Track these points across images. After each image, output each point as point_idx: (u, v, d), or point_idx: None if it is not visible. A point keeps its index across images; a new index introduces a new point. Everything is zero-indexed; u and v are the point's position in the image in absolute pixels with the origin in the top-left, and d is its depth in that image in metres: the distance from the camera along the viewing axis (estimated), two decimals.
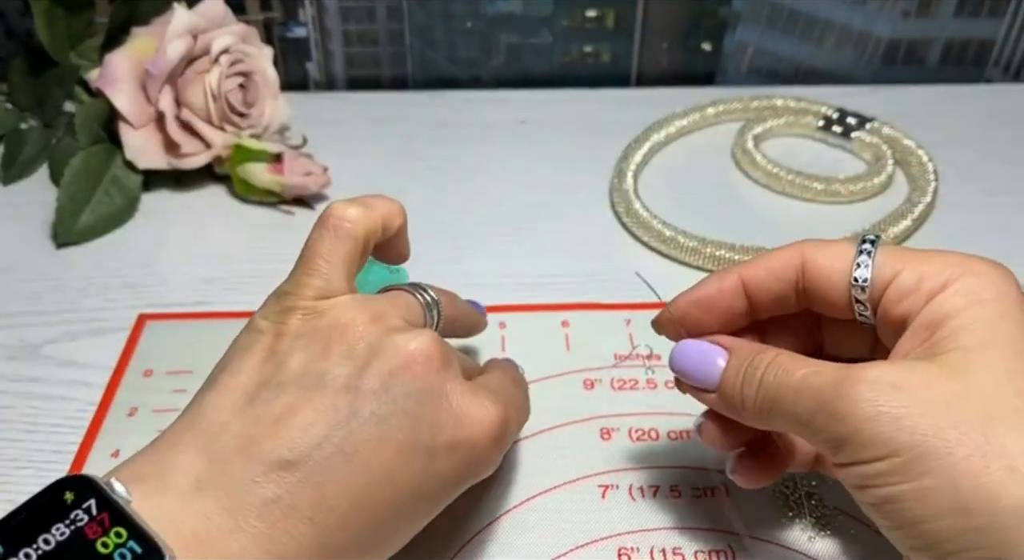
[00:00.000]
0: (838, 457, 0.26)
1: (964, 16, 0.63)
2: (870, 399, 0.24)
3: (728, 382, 0.29)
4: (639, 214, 0.49)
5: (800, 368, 0.27)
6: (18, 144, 0.54)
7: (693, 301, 0.31)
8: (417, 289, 0.33)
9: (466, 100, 0.63)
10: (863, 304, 0.28)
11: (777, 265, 0.30)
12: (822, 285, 0.29)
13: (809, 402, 0.26)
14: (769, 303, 0.30)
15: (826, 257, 0.29)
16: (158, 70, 0.49)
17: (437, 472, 0.28)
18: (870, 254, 0.28)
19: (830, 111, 0.57)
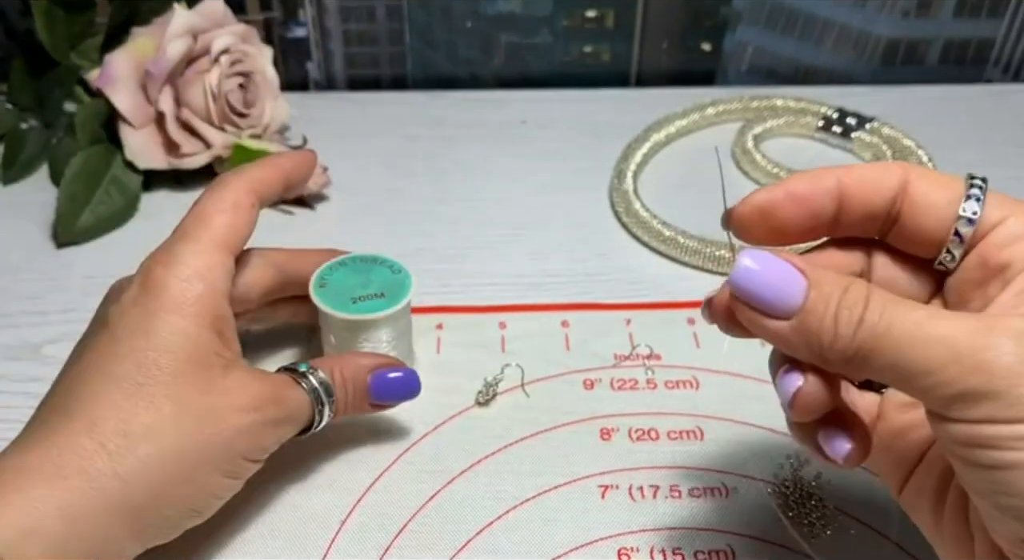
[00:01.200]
0: (963, 412, 0.23)
1: (964, 16, 0.63)
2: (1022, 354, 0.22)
3: (814, 311, 0.24)
4: (639, 214, 0.49)
5: (914, 310, 0.24)
6: (18, 144, 0.54)
7: (789, 193, 0.27)
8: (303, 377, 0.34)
9: (466, 100, 0.63)
10: (960, 241, 0.26)
11: (880, 177, 0.26)
12: (921, 212, 0.26)
13: (937, 351, 0.23)
14: (858, 218, 0.27)
15: (932, 184, 0.26)
16: (158, 70, 0.49)
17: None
18: (982, 190, 0.26)
19: (830, 111, 0.57)
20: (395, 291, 0.38)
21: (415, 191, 0.54)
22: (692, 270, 0.48)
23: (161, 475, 0.29)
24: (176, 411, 0.29)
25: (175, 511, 0.30)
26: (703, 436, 0.38)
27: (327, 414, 0.34)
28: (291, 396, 0.33)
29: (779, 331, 0.25)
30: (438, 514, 0.35)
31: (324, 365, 0.34)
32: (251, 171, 0.35)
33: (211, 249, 0.32)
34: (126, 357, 0.29)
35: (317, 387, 0.33)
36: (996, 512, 0.23)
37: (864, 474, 0.36)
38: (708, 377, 0.41)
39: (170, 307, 0.30)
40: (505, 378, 0.41)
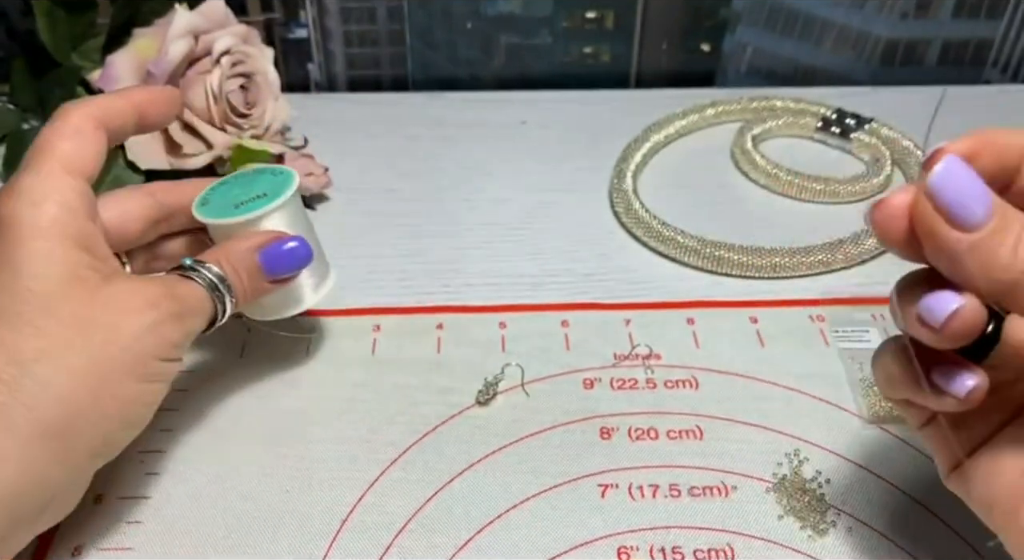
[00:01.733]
0: None
1: (962, 17, 0.63)
2: None
3: (998, 232, 0.23)
4: (639, 214, 0.50)
5: None
6: (20, 145, 0.54)
7: (985, 140, 0.25)
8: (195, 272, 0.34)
9: (466, 101, 0.63)
10: None
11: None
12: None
13: None
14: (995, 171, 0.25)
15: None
16: (160, 71, 0.49)
17: None
18: None
19: (829, 112, 0.58)
20: (278, 189, 0.37)
21: (415, 191, 0.54)
22: (691, 270, 0.48)
23: (70, 393, 0.28)
24: (63, 328, 0.29)
25: (103, 427, 0.29)
26: (702, 435, 0.38)
27: (229, 302, 0.34)
28: (185, 290, 0.32)
29: (958, 243, 0.24)
30: (438, 513, 0.35)
31: (209, 257, 0.34)
32: (94, 99, 0.34)
33: (57, 172, 0.31)
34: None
35: (210, 277, 0.33)
36: None
37: (863, 473, 0.37)
38: (707, 377, 0.41)
39: (27, 234, 0.29)
40: (505, 378, 0.41)
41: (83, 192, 0.31)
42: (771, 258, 0.47)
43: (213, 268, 0.34)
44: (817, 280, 0.47)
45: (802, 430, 0.38)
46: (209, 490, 0.36)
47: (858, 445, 0.38)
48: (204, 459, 0.37)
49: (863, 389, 0.40)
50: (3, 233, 0.30)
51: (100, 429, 0.29)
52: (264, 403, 0.40)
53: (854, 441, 0.38)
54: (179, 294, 0.32)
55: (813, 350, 0.42)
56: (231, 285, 0.34)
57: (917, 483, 0.36)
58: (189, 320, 0.32)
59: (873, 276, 0.47)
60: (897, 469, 0.37)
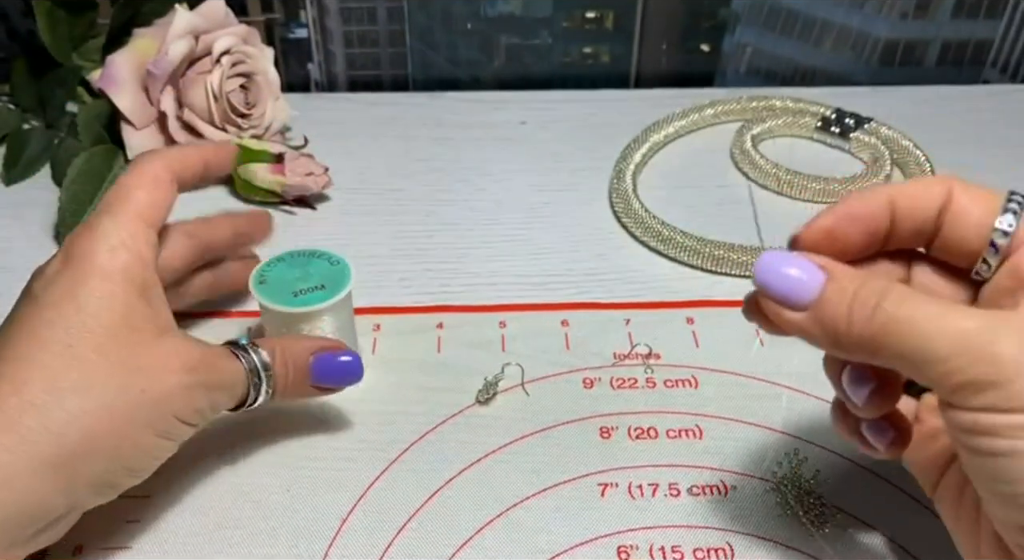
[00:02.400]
0: (965, 400, 0.24)
1: (961, 17, 0.63)
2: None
3: (831, 301, 0.26)
4: (638, 214, 0.50)
5: (929, 304, 0.25)
6: (20, 145, 0.55)
7: (850, 215, 0.28)
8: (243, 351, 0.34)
9: (466, 101, 0.63)
10: (995, 251, 0.27)
11: (926, 193, 0.28)
12: (962, 223, 0.27)
13: (947, 341, 0.24)
14: (908, 232, 0.29)
15: (973, 197, 0.27)
16: (160, 71, 0.49)
17: None
18: (1021, 206, 0.27)
19: (828, 112, 0.58)
20: (335, 282, 0.38)
21: (415, 191, 0.54)
22: (691, 269, 0.48)
23: (91, 426, 0.29)
24: (106, 366, 0.29)
25: (110, 467, 0.30)
26: (702, 435, 0.38)
27: (264, 391, 0.34)
28: (227, 366, 0.33)
29: (797, 321, 0.27)
30: (438, 513, 0.35)
31: (266, 344, 0.35)
32: (170, 151, 0.36)
33: (134, 220, 0.32)
34: (54, 322, 0.30)
35: (256, 362, 0.34)
36: (995, 499, 0.25)
37: (862, 472, 0.37)
38: (707, 376, 0.41)
39: (96, 274, 0.30)
40: (505, 377, 0.41)
41: (153, 243, 0.33)
42: None
43: (263, 354, 0.34)
44: None
45: (802, 429, 0.38)
46: (209, 490, 0.36)
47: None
48: (204, 459, 0.37)
49: None
50: (75, 269, 0.31)
51: (109, 469, 0.30)
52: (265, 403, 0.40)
53: None
54: (219, 367, 0.33)
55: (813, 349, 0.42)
56: (274, 376, 0.34)
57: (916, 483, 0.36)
58: (218, 394, 0.33)
59: None
60: (896, 469, 0.37)
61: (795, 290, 0.27)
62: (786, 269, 0.27)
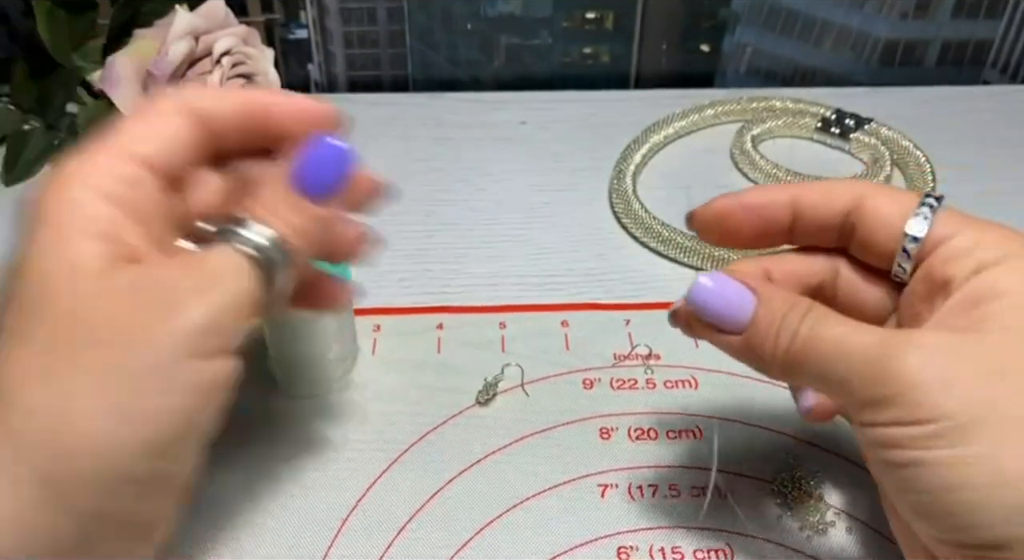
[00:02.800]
0: (872, 416, 0.25)
1: (962, 17, 0.63)
2: (921, 363, 0.24)
3: (761, 327, 0.27)
4: (638, 214, 0.50)
5: (837, 325, 0.26)
6: (21, 146, 0.55)
7: (742, 204, 0.29)
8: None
9: (466, 101, 0.63)
10: (907, 256, 0.27)
11: (834, 192, 0.28)
12: (873, 226, 0.28)
13: (848, 362, 0.25)
14: (812, 229, 0.29)
15: (886, 200, 0.28)
16: (160, 72, 0.49)
17: None
18: (933, 209, 0.27)
19: (828, 112, 0.58)
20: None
21: (415, 192, 0.54)
22: (691, 270, 0.48)
23: None
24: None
25: None
26: (702, 435, 0.38)
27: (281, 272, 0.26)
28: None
29: (730, 344, 0.28)
30: (438, 514, 0.35)
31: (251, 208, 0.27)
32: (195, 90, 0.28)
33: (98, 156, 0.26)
34: None
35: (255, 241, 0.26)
36: (910, 512, 0.25)
37: (863, 474, 0.37)
38: (707, 377, 0.41)
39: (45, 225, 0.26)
40: (505, 378, 0.41)
41: (123, 176, 0.25)
42: None
43: (256, 228, 0.26)
44: None
45: (802, 430, 0.38)
46: (208, 490, 0.36)
47: (858, 445, 0.38)
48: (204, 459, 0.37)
49: None
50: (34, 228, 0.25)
51: None
52: (265, 403, 0.40)
53: (854, 441, 0.38)
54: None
55: None
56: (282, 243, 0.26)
57: None
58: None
59: None
60: None
61: (730, 314, 0.28)
62: (722, 291, 0.28)
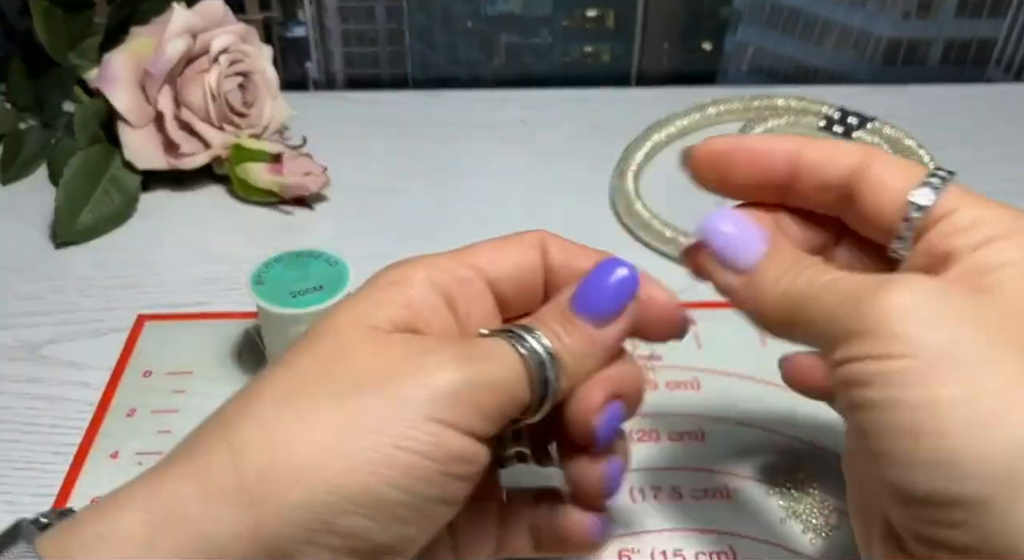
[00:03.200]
0: (847, 351, 0.24)
1: (965, 16, 0.63)
2: (904, 298, 0.23)
3: (769, 270, 0.26)
4: (639, 214, 0.49)
5: (829, 272, 0.25)
6: (17, 144, 0.54)
7: (744, 146, 0.28)
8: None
9: (466, 100, 0.63)
10: (909, 226, 0.26)
11: (839, 152, 0.27)
12: (876, 195, 0.26)
13: (837, 297, 0.24)
14: (811, 189, 0.28)
15: (892, 167, 0.27)
16: (157, 70, 0.49)
17: None
18: (943, 181, 0.26)
19: (831, 111, 0.57)
20: (334, 283, 0.38)
21: (415, 191, 0.54)
22: None
23: None
24: None
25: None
26: (704, 437, 0.38)
27: (551, 383, 0.26)
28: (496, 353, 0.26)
29: (730, 284, 0.27)
30: None
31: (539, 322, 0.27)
32: None
33: None
34: None
35: (535, 346, 0.26)
36: (878, 462, 0.23)
37: None
38: (709, 378, 0.41)
39: None
40: None
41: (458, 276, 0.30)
42: None
43: (540, 337, 0.26)
44: None
45: (805, 432, 0.38)
46: None
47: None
48: None
49: None
50: None
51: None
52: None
53: None
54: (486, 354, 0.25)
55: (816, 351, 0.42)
56: (560, 361, 0.26)
57: None
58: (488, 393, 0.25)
59: None
60: None
61: (744, 252, 0.27)
62: (736, 227, 0.28)
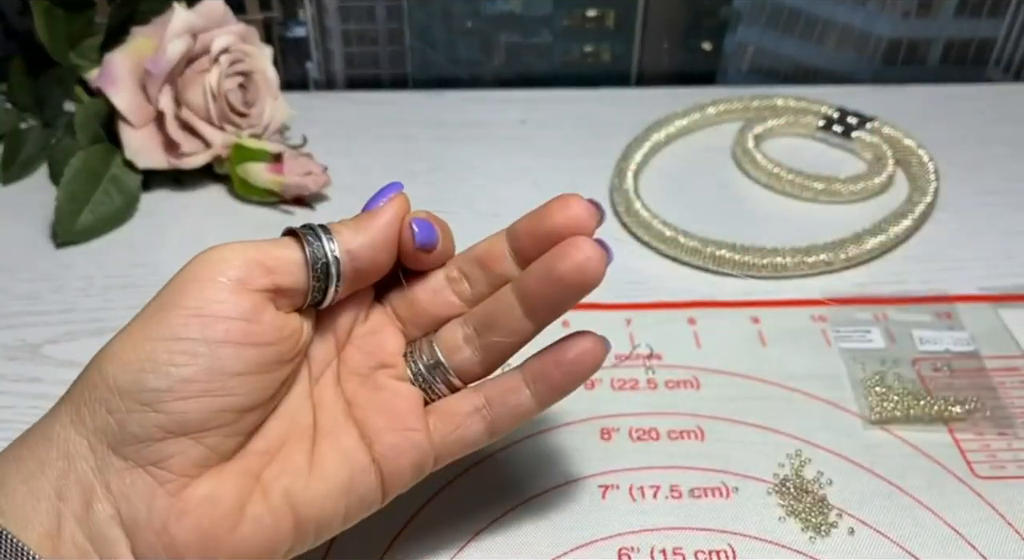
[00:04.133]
0: None
1: (965, 16, 0.63)
2: None
3: None
4: (639, 214, 0.49)
5: None
6: (18, 144, 0.54)
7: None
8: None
9: (466, 100, 0.63)
10: None
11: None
12: None
13: None
14: None
15: None
16: (158, 70, 0.49)
17: None
18: None
19: (831, 111, 0.57)
20: None
21: (415, 191, 0.53)
22: (693, 270, 0.47)
23: None
24: None
25: None
26: (704, 436, 0.38)
27: (333, 285, 0.29)
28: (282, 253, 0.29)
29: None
30: (438, 514, 0.35)
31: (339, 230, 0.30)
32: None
33: None
34: None
35: (323, 251, 0.29)
36: None
37: (865, 474, 0.36)
38: (708, 377, 0.41)
39: None
40: None
41: None
42: (772, 258, 0.46)
43: (331, 244, 0.29)
44: (819, 280, 0.47)
45: (804, 431, 0.38)
46: None
47: (860, 446, 0.37)
48: None
49: (865, 389, 0.40)
50: None
51: None
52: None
53: (856, 442, 0.38)
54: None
55: (815, 350, 0.42)
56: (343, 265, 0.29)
57: (919, 484, 0.36)
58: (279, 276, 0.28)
59: (875, 276, 0.47)
60: (899, 470, 0.36)
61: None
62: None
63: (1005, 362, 0.41)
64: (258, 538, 0.27)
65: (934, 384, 0.40)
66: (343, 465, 0.28)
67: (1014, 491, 0.36)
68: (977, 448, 0.37)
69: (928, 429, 0.38)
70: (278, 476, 0.27)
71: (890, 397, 0.39)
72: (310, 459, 0.28)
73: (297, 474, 0.28)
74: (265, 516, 0.27)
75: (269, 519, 0.27)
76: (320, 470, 0.28)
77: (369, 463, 0.29)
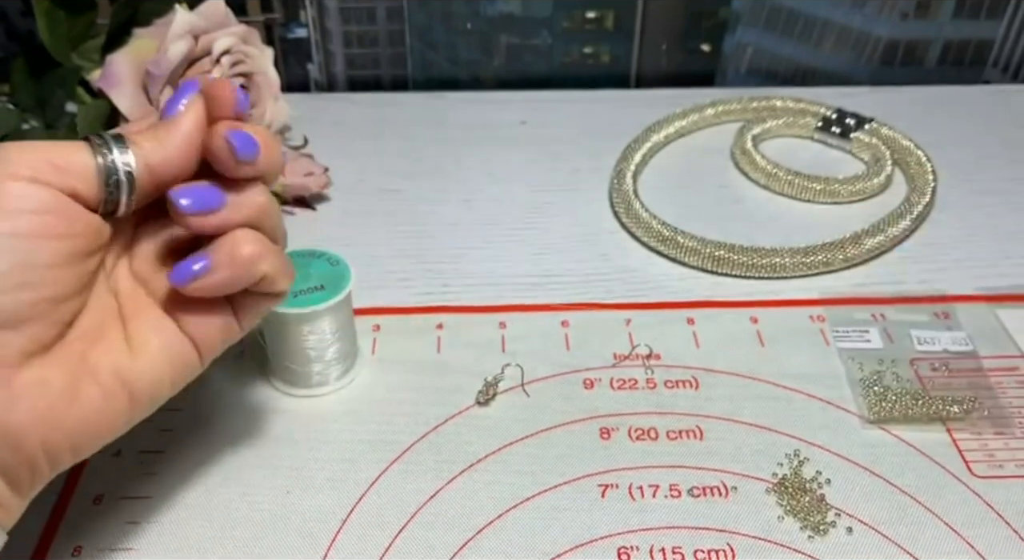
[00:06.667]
0: None
1: (963, 17, 0.63)
2: None
3: None
4: (639, 214, 0.50)
5: None
6: None
7: None
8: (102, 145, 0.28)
9: (466, 101, 0.63)
10: None
11: None
12: None
13: None
14: None
15: None
16: (160, 71, 0.49)
17: None
18: None
19: (829, 112, 0.58)
20: (335, 283, 0.38)
21: (415, 191, 0.54)
22: (692, 270, 0.48)
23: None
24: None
25: None
26: (703, 436, 0.38)
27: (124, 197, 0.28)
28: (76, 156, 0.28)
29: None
30: (438, 514, 0.35)
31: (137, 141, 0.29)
32: None
33: None
34: None
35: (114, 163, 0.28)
36: None
37: (864, 474, 0.36)
38: (708, 377, 0.41)
39: None
40: (505, 378, 0.41)
41: None
42: (771, 258, 0.46)
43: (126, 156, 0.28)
44: (817, 280, 0.47)
45: (802, 430, 0.38)
46: (209, 490, 0.36)
47: (859, 445, 0.38)
48: (204, 459, 0.37)
49: (863, 389, 0.40)
50: None
51: None
52: (265, 403, 0.40)
53: (855, 441, 0.38)
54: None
55: (813, 350, 0.42)
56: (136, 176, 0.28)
57: (917, 483, 0.36)
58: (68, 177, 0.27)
59: (873, 276, 0.47)
60: (897, 469, 0.37)
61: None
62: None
63: (1003, 362, 0.41)
64: (97, 415, 0.28)
65: (932, 384, 0.40)
66: (158, 337, 0.30)
67: (1011, 490, 0.36)
68: (975, 447, 0.38)
69: (926, 429, 0.38)
70: (102, 357, 0.29)
71: (888, 397, 0.39)
72: (127, 337, 0.29)
73: (120, 352, 0.29)
74: (98, 395, 0.28)
75: (102, 396, 0.28)
76: (140, 345, 0.29)
77: (178, 331, 0.30)
